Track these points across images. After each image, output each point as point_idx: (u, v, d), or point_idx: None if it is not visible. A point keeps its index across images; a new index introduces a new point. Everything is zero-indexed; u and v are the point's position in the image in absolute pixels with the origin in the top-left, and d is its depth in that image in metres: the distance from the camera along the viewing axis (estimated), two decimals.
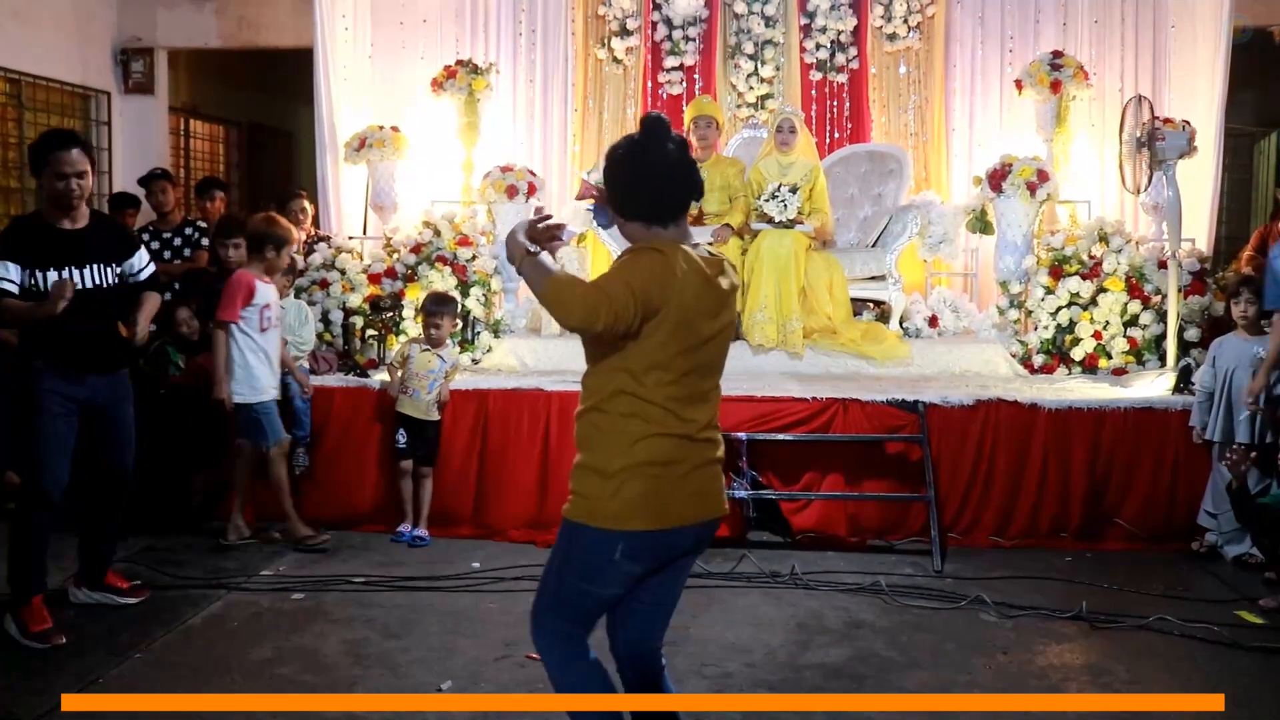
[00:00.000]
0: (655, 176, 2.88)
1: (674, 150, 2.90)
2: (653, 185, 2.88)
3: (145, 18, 9.65)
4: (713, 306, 2.84)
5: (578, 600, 2.95)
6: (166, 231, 7.51)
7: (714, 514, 2.95)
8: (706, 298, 2.83)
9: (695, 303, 2.80)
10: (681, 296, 2.77)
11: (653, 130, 2.90)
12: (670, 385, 2.81)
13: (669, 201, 2.89)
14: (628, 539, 2.83)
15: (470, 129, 8.36)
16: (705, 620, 4.91)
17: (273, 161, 12.71)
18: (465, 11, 8.85)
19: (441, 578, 5.45)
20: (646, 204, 2.89)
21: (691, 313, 2.79)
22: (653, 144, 2.89)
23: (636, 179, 2.90)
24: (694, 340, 2.82)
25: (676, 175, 2.90)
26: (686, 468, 2.85)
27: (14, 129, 8.57)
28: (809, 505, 6.07)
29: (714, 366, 2.92)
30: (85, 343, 4.72)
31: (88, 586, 5.03)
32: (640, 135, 2.93)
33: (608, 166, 2.96)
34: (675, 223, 2.90)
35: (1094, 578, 5.49)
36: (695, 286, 2.80)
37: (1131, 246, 7.08)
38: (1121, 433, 6.02)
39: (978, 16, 8.59)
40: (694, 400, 2.86)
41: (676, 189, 2.90)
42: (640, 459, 2.82)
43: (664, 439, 2.82)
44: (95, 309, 4.72)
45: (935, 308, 7.64)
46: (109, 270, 4.77)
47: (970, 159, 8.50)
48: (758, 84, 8.65)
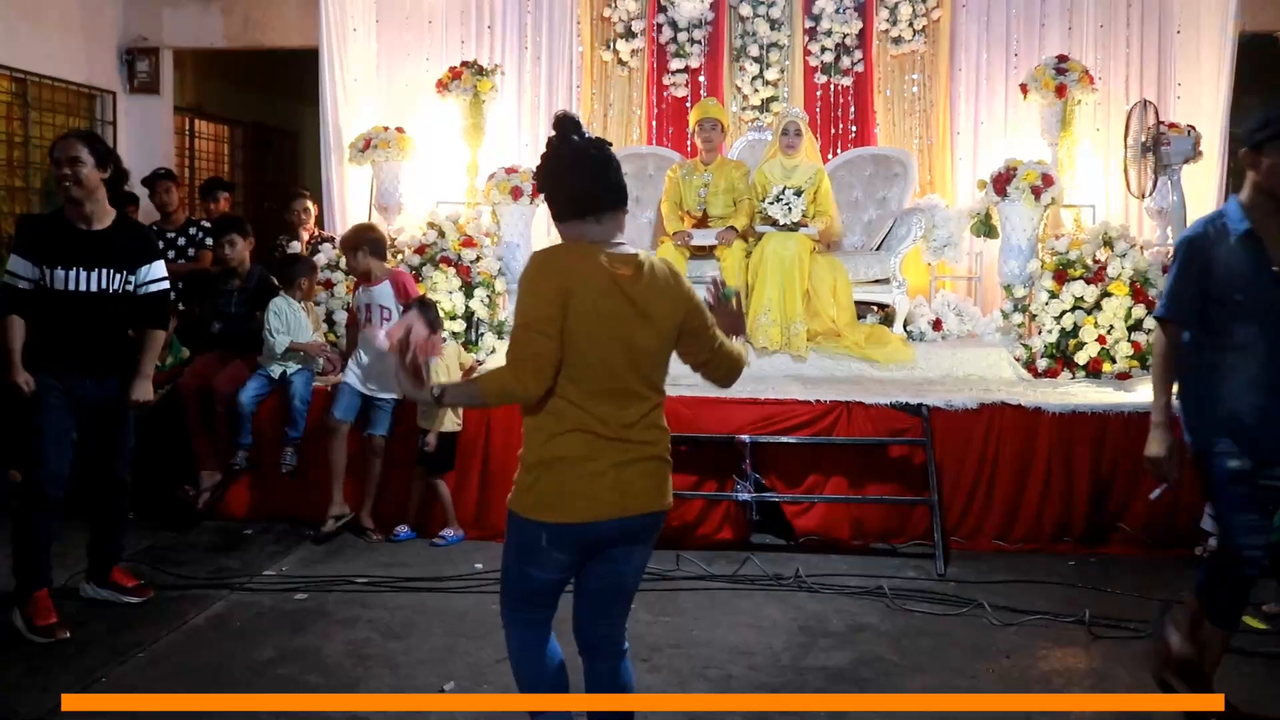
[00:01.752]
0: (564, 173, 2.93)
1: (582, 145, 2.93)
2: (564, 182, 2.93)
3: (151, 17, 9.66)
4: (619, 308, 2.86)
5: (521, 583, 3.05)
6: (170, 231, 7.53)
7: (642, 510, 2.97)
8: (610, 299, 2.85)
9: (596, 305, 2.84)
10: (580, 300, 2.82)
11: (559, 128, 2.95)
12: (580, 384, 2.87)
13: (583, 196, 2.92)
14: (548, 529, 2.93)
15: (475, 130, 8.36)
16: (708, 622, 4.91)
17: (277, 162, 12.71)
18: (471, 13, 8.86)
19: (444, 579, 5.45)
20: (564, 201, 2.94)
21: (593, 315, 2.83)
22: (560, 142, 2.94)
23: (550, 178, 2.96)
24: (601, 340, 2.85)
25: (586, 169, 2.92)
26: (604, 465, 2.89)
27: (19, 128, 8.57)
28: (812, 508, 6.06)
29: (636, 366, 2.92)
30: (85, 346, 4.72)
31: (95, 582, 5.06)
32: (551, 136, 2.97)
33: (535, 175, 3.02)
34: (598, 219, 2.93)
35: (1097, 582, 5.49)
36: (597, 290, 2.84)
37: (1136, 251, 7.07)
38: (1125, 437, 6.00)
39: (983, 20, 8.59)
40: (611, 399, 2.89)
41: (588, 183, 2.92)
42: (550, 455, 2.91)
43: (576, 435, 2.89)
44: (97, 313, 4.72)
45: (939, 311, 7.64)
46: (118, 277, 4.73)
47: (975, 163, 8.50)
48: (763, 87, 8.65)
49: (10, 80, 8.43)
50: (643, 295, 2.90)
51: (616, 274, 2.87)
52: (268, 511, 6.41)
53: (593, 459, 2.89)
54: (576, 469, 2.89)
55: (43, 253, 4.61)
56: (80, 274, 4.63)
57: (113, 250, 4.72)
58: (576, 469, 2.89)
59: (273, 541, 6.09)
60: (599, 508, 2.91)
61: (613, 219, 2.96)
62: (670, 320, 2.96)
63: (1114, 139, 7.95)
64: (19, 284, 4.61)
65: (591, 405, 2.88)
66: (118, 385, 4.85)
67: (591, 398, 2.88)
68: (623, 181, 2.99)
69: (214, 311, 6.77)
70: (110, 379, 4.82)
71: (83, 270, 4.64)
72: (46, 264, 4.60)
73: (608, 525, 2.94)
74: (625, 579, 3.11)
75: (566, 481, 2.90)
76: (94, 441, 4.89)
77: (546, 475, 2.92)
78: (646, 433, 2.96)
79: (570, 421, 2.89)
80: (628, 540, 3.02)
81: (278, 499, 6.41)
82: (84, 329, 4.71)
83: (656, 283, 2.94)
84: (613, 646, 3.16)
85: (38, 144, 8.63)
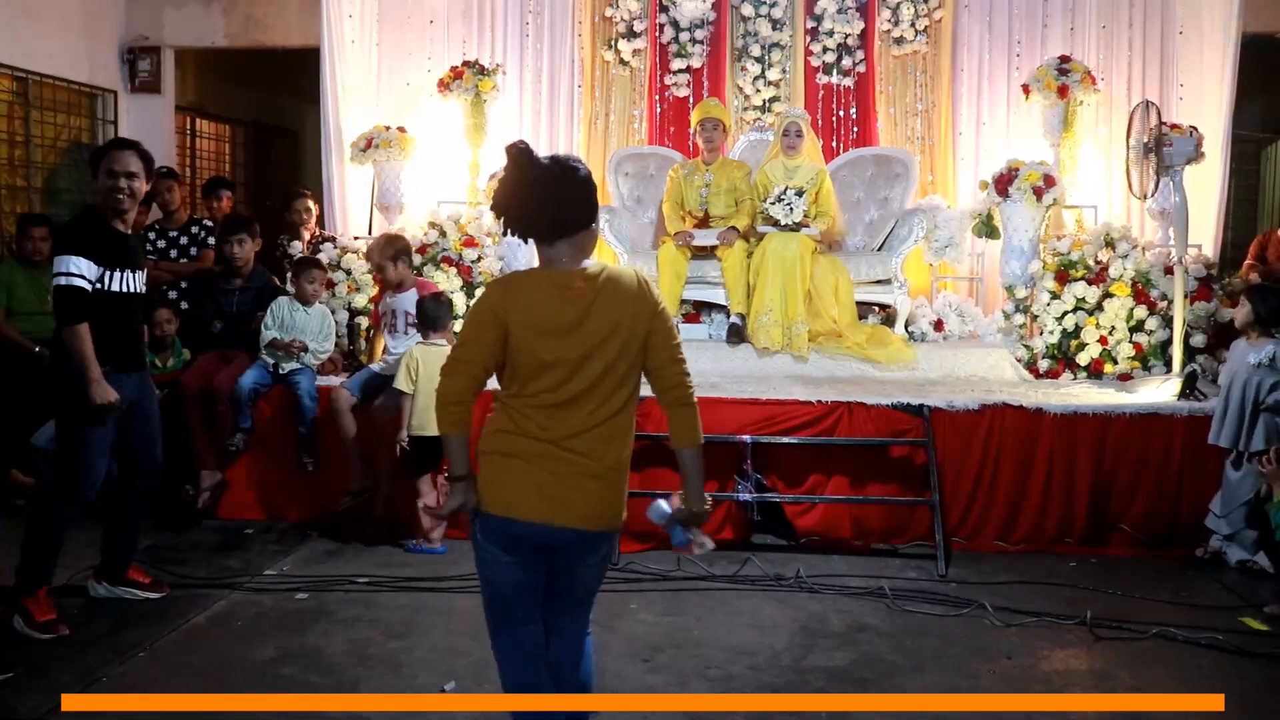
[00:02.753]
0: (519, 204, 2.99)
1: (532, 176, 2.98)
2: (519, 211, 2.99)
3: (152, 16, 9.66)
4: (559, 324, 2.94)
5: (485, 592, 3.14)
6: (173, 230, 7.52)
7: (572, 525, 3.00)
8: (556, 317, 2.94)
9: (540, 323, 2.94)
10: (520, 318, 2.94)
11: (512, 159, 3.01)
12: (523, 394, 2.99)
13: (535, 222, 2.99)
14: (480, 520, 3.04)
15: (477, 130, 8.36)
16: (709, 623, 4.91)
17: (279, 161, 12.71)
18: (472, 12, 8.85)
19: (445, 578, 5.44)
20: (521, 227, 3.01)
21: (536, 332, 2.94)
22: (511, 173, 3.01)
23: (507, 207, 3.01)
24: (543, 356, 2.94)
25: (536, 197, 2.97)
26: (535, 468, 2.97)
27: (21, 127, 8.57)
28: (813, 508, 6.06)
29: (581, 379, 2.97)
30: (129, 343, 4.88)
31: (108, 581, 5.08)
32: (504, 167, 3.04)
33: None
34: (552, 242, 3.00)
35: (1098, 583, 5.48)
36: (541, 309, 2.95)
37: (1138, 252, 7.08)
38: (1126, 438, 6.01)
39: (985, 21, 8.59)
40: (550, 409, 2.97)
41: (531, 215, 2.99)
42: (490, 448, 3.04)
43: (516, 438, 2.99)
44: (136, 312, 4.93)
45: (941, 312, 7.64)
46: (141, 277, 4.90)
47: (977, 163, 8.49)
48: (764, 87, 8.64)
49: (11, 79, 8.43)
50: (589, 310, 2.96)
51: (561, 291, 2.96)
52: (269, 511, 6.41)
53: (525, 460, 2.98)
54: (509, 465, 3.00)
55: (104, 256, 4.67)
56: (128, 275, 4.77)
57: (139, 252, 4.94)
58: (509, 465, 3.00)
59: (273, 541, 6.09)
60: (523, 508, 2.98)
61: (567, 243, 3.00)
62: (637, 325, 3.00)
63: (1116, 140, 7.94)
64: (87, 286, 4.60)
65: (532, 413, 2.98)
66: (147, 373, 5.11)
67: (532, 406, 2.98)
68: (573, 206, 3.01)
69: (215, 311, 6.77)
70: (144, 369, 5.06)
71: (129, 271, 4.77)
72: (107, 267, 4.67)
73: (534, 529, 2.99)
74: (574, 588, 3.17)
75: (498, 474, 3.01)
76: (137, 433, 4.95)
77: (485, 467, 3.04)
78: (589, 446, 2.99)
79: (513, 424, 3.00)
80: (568, 552, 3.08)
81: (279, 499, 6.41)
82: (133, 328, 4.94)
83: (611, 297, 2.98)
84: (575, 633, 3.24)
85: (39, 143, 8.63)
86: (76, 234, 4.69)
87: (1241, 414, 5.61)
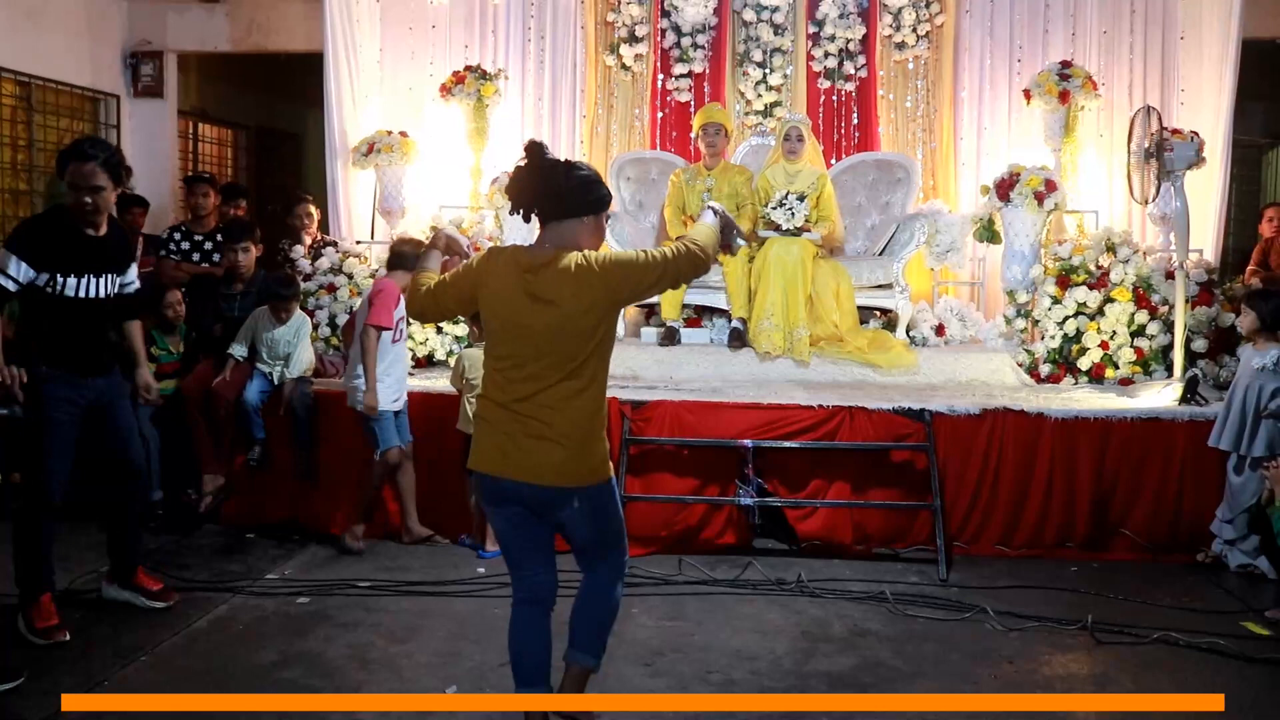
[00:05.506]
0: (513, 185, 3.46)
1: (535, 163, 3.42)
2: (512, 190, 3.47)
3: (155, 21, 9.68)
4: (517, 298, 3.35)
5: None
6: (199, 234, 7.51)
7: (523, 479, 3.39)
8: (510, 291, 3.37)
9: (496, 292, 3.40)
10: (488, 289, 3.42)
11: (525, 150, 3.47)
12: (493, 359, 3.46)
13: (519, 202, 3.44)
14: (474, 474, 3.53)
15: (479, 134, 8.37)
16: (710, 627, 4.91)
17: (281, 165, 12.73)
18: (474, 17, 8.88)
19: (447, 582, 5.45)
20: (513, 205, 3.47)
21: (496, 302, 3.41)
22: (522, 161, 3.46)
23: (507, 187, 3.52)
24: (505, 324, 3.39)
25: (528, 182, 3.42)
26: (496, 428, 3.42)
27: (23, 132, 8.59)
28: (815, 513, 6.06)
29: (533, 348, 3.35)
30: (89, 348, 4.79)
31: (118, 584, 5.09)
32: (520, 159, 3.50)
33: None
34: (543, 225, 3.45)
35: (1100, 588, 5.48)
36: (500, 280, 3.40)
37: (1139, 257, 7.08)
38: (1128, 443, 6.01)
39: (987, 26, 8.60)
40: (508, 374, 3.40)
41: (521, 192, 3.43)
42: (476, 411, 3.54)
43: (486, 401, 3.47)
44: (100, 316, 4.82)
45: (942, 316, 7.63)
46: (115, 280, 4.86)
47: (978, 168, 8.50)
48: (766, 92, 8.65)
49: (14, 84, 8.44)
50: (544, 286, 3.33)
51: (516, 268, 3.37)
52: (270, 515, 6.41)
53: (490, 422, 3.44)
54: (480, 426, 3.49)
55: (51, 259, 4.61)
56: (90, 280, 4.70)
57: (111, 254, 4.82)
58: (480, 426, 3.49)
59: (275, 545, 6.09)
60: (488, 462, 3.44)
61: (549, 229, 3.43)
62: (579, 302, 3.32)
63: (1117, 145, 7.94)
64: (8, 285, 4.54)
65: (496, 377, 3.44)
66: (118, 376, 4.98)
67: (496, 370, 3.44)
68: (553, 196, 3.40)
69: (216, 315, 6.78)
70: (112, 373, 4.94)
71: (92, 276, 4.71)
72: (58, 271, 4.62)
73: (501, 483, 3.42)
74: (571, 538, 3.58)
75: (477, 435, 3.51)
76: (107, 436, 4.92)
77: (475, 428, 3.53)
78: (537, 411, 3.36)
79: (485, 389, 3.49)
80: (541, 506, 3.45)
81: (281, 503, 6.41)
82: (94, 332, 4.81)
83: (565, 274, 3.32)
84: (588, 579, 3.69)
85: (41, 147, 8.65)
86: (21, 232, 4.66)
87: (1244, 418, 5.61)
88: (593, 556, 3.63)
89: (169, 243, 7.34)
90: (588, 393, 3.39)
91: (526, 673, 3.58)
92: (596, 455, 3.45)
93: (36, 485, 4.71)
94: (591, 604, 3.68)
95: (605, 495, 3.52)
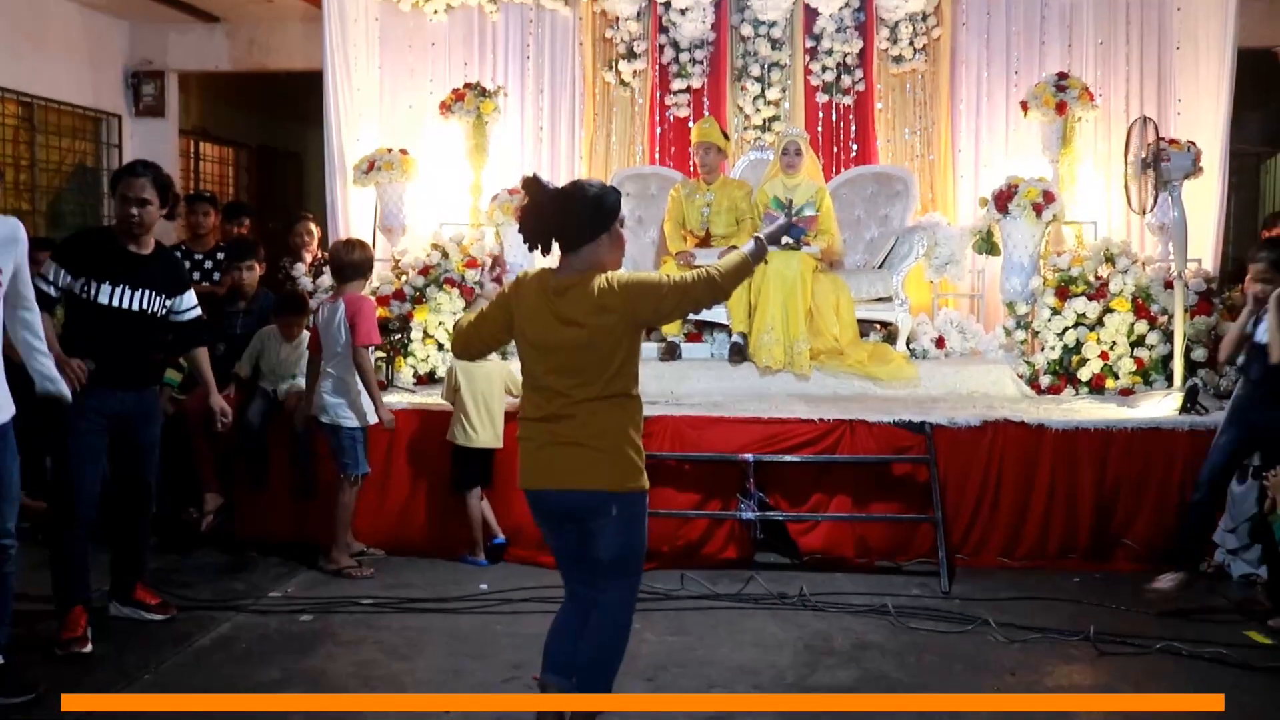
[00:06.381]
0: (526, 223, 3.60)
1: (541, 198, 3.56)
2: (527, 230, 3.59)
3: (156, 41, 9.74)
4: (545, 320, 3.50)
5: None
6: (199, 253, 7.54)
7: (562, 486, 3.52)
8: (538, 313, 3.52)
9: (527, 316, 3.56)
10: (520, 314, 3.58)
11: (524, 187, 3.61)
12: (528, 378, 3.62)
13: (536, 240, 3.57)
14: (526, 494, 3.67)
15: (478, 151, 8.39)
16: (712, 641, 4.92)
17: (282, 184, 12.77)
18: (473, 35, 8.90)
19: (449, 599, 5.46)
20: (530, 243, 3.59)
21: (525, 324, 3.57)
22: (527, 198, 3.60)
23: (521, 226, 3.66)
24: (535, 344, 3.54)
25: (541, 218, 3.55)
26: (532, 445, 3.58)
27: (26, 151, 8.63)
28: (816, 526, 6.07)
29: (558, 367, 3.51)
30: (121, 360, 4.86)
31: (119, 600, 5.13)
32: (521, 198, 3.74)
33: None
34: (563, 254, 3.57)
35: (1102, 598, 5.49)
36: (528, 305, 3.56)
37: (1138, 267, 7.09)
38: (1129, 453, 6.01)
39: (983, 39, 8.62)
40: (538, 391, 3.56)
41: (538, 229, 3.55)
42: (518, 434, 3.67)
43: (524, 421, 3.63)
44: (138, 331, 4.89)
45: (942, 329, 7.64)
46: (159, 299, 4.93)
47: (976, 180, 8.51)
48: (764, 106, 8.67)
49: (17, 104, 8.49)
50: (569, 307, 3.48)
51: (543, 292, 3.53)
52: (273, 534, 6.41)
53: (529, 438, 3.59)
54: (522, 447, 3.62)
55: (87, 266, 4.74)
56: (126, 291, 4.80)
57: (155, 274, 4.93)
58: (522, 447, 3.62)
59: (277, 563, 6.09)
60: (529, 477, 3.59)
61: (571, 256, 3.55)
62: (601, 321, 3.46)
63: (1114, 155, 7.96)
64: (48, 289, 4.69)
65: (531, 394, 3.61)
66: (152, 395, 5.11)
67: (530, 388, 3.61)
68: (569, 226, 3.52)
69: (218, 333, 6.79)
70: (145, 390, 5.04)
71: (128, 288, 4.81)
72: (94, 278, 4.74)
73: (542, 495, 3.58)
74: (587, 550, 3.59)
75: (520, 455, 3.63)
76: (125, 453, 4.98)
77: (519, 449, 3.65)
78: (570, 422, 3.50)
79: (525, 408, 3.65)
80: (574, 517, 3.57)
81: (283, 521, 6.41)
82: (126, 344, 4.88)
83: (588, 296, 3.47)
84: (600, 601, 3.65)
85: (44, 167, 8.69)
86: (64, 242, 4.95)
87: None
88: (612, 576, 3.62)
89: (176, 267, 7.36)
90: (620, 407, 3.54)
91: (553, 661, 3.65)
92: (634, 463, 3.54)
93: (64, 498, 4.77)
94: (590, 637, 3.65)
95: (640, 506, 3.59)
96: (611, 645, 3.68)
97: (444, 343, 7.25)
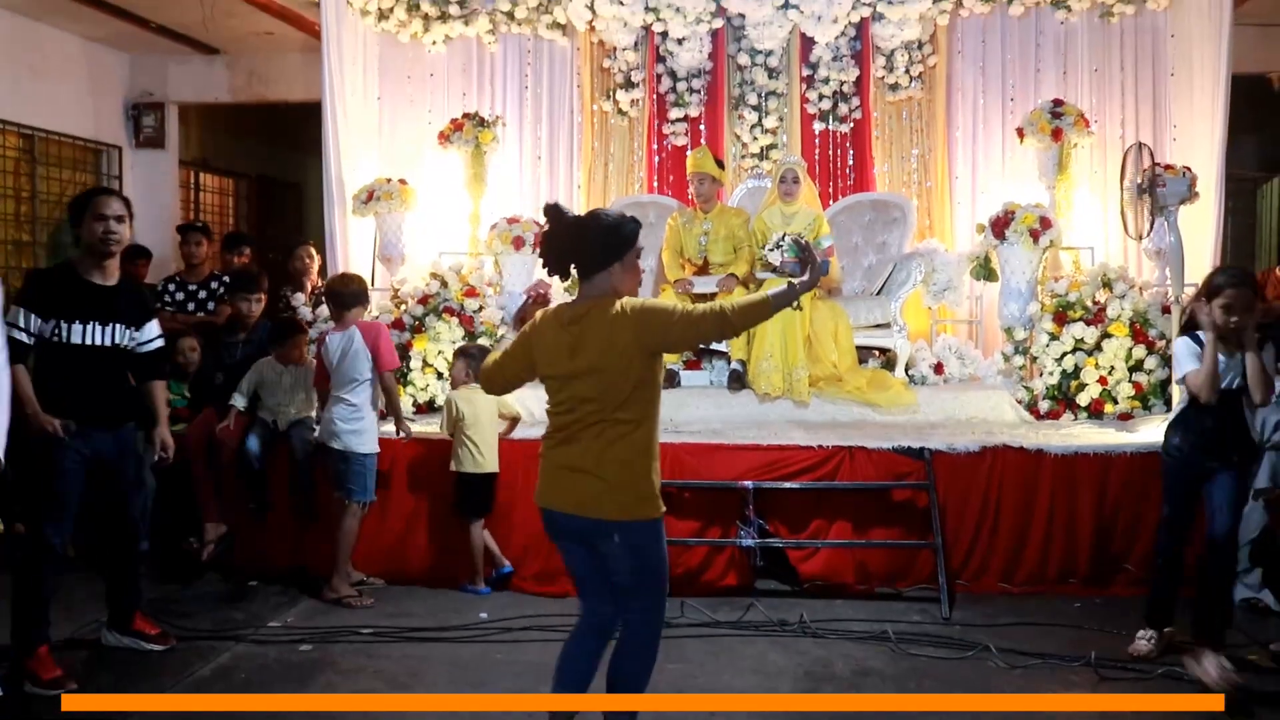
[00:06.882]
0: (545, 251, 3.72)
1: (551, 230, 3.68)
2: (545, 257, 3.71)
3: (156, 72, 9.80)
4: (559, 350, 3.61)
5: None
6: (193, 283, 7.57)
7: (564, 509, 3.62)
8: (555, 345, 3.63)
9: (545, 347, 3.67)
10: (538, 348, 3.70)
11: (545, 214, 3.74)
12: (550, 404, 3.71)
13: (554, 267, 3.69)
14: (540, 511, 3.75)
15: (477, 181, 8.44)
16: (712, 669, 4.90)
17: (282, 214, 12.82)
18: (472, 65, 8.97)
19: (449, 628, 5.45)
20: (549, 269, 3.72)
21: (543, 354, 3.68)
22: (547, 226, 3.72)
23: (541, 254, 3.76)
24: (552, 373, 3.65)
25: (558, 246, 3.67)
26: (549, 464, 3.69)
27: (26, 183, 8.67)
28: (816, 553, 6.06)
29: (571, 393, 3.60)
30: (96, 398, 4.82)
31: (117, 630, 5.12)
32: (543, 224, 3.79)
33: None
34: (578, 282, 3.70)
35: (1103, 624, 5.47)
36: (546, 337, 3.67)
37: (1135, 292, 7.11)
38: (1128, 477, 6.01)
39: (979, 66, 8.69)
40: (564, 418, 3.64)
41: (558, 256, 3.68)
42: (540, 452, 3.76)
43: (545, 439, 3.74)
44: (110, 366, 4.86)
45: (940, 355, 7.66)
46: (128, 332, 4.90)
47: (973, 207, 8.56)
48: (761, 134, 8.72)
49: (17, 136, 8.53)
50: (582, 336, 3.57)
51: (558, 324, 3.64)
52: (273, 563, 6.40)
53: (545, 459, 3.70)
54: (540, 464, 3.72)
55: (55, 307, 4.69)
56: (96, 328, 4.76)
57: (122, 306, 4.87)
58: (540, 464, 3.72)
59: (278, 593, 6.08)
60: (543, 495, 3.69)
61: (586, 284, 3.67)
62: (613, 348, 3.53)
63: (1111, 181, 8.00)
64: (22, 337, 4.64)
65: (553, 419, 3.70)
66: (129, 433, 5.03)
67: (552, 414, 3.70)
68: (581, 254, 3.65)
69: (216, 363, 6.80)
70: (123, 428, 4.99)
71: (97, 324, 4.77)
72: (62, 318, 4.69)
73: (554, 516, 3.66)
74: (607, 569, 3.65)
75: (541, 473, 3.72)
76: (108, 490, 4.96)
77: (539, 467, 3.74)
78: (582, 448, 3.58)
79: (547, 431, 3.74)
80: (581, 539, 3.65)
81: (283, 550, 6.40)
82: (99, 381, 4.84)
83: (600, 325, 3.56)
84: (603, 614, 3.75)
85: (44, 199, 8.73)
86: (28, 283, 4.83)
87: None
88: (629, 598, 3.66)
89: (163, 295, 7.40)
90: (635, 434, 3.57)
91: (565, 681, 3.71)
92: (639, 492, 3.58)
93: (38, 534, 4.73)
94: (617, 662, 3.71)
95: (649, 534, 3.62)
96: (639, 662, 3.71)
97: (443, 371, 7.26)
